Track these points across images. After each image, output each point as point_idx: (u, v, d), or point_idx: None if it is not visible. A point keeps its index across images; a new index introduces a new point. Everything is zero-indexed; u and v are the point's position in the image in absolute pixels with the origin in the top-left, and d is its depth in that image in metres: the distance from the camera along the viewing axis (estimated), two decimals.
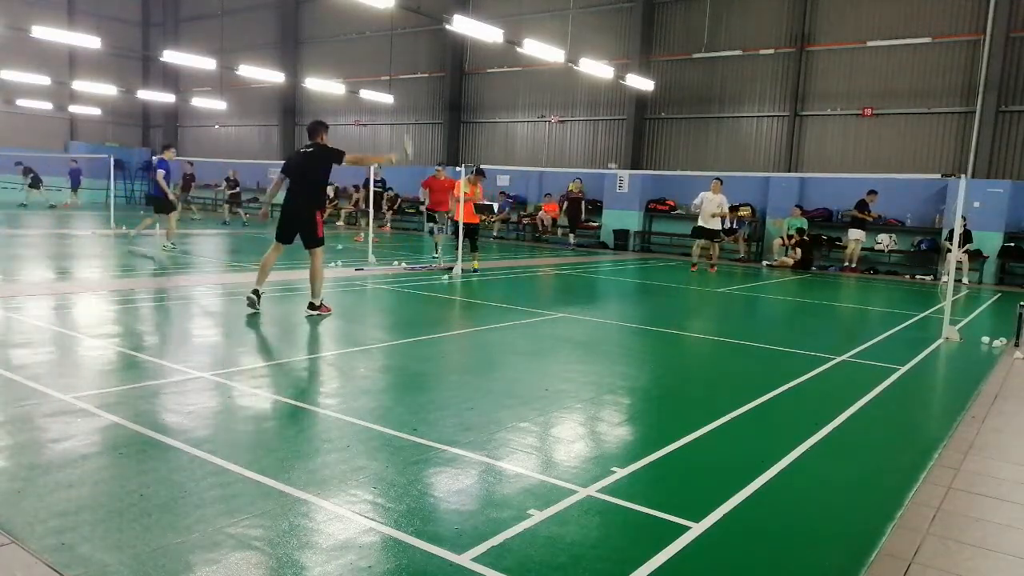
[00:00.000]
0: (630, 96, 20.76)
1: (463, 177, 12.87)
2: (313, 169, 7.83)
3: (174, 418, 4.34)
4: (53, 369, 5.39)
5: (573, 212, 21.06)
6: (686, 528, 3.16)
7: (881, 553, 3.07)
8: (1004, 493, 3.84)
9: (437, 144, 25.59)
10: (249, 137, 32.00)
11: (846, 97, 18.06)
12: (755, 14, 19.14)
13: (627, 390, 5.66)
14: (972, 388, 6.13)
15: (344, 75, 26.54)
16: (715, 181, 14.96)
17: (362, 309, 9.19)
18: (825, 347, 7.54)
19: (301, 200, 7.84)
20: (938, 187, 16.58)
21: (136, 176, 33.51)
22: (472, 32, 15.42)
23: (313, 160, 7.81)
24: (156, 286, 9.68)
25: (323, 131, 7.95)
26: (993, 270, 15.96)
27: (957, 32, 16.63)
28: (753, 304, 11.68)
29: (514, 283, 12.38)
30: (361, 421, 4.43)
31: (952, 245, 11.34)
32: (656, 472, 3.90)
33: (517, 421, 4.56)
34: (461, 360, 6.59)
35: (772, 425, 4.92)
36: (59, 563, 2.66)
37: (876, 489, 3.87)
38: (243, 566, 2.71)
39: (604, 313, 9.63)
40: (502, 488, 3.55)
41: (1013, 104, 16.13)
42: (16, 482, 3.35)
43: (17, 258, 12.28)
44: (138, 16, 34.99)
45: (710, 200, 14.89)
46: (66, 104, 31.09)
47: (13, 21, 25.59)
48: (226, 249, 15.98)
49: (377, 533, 3.02)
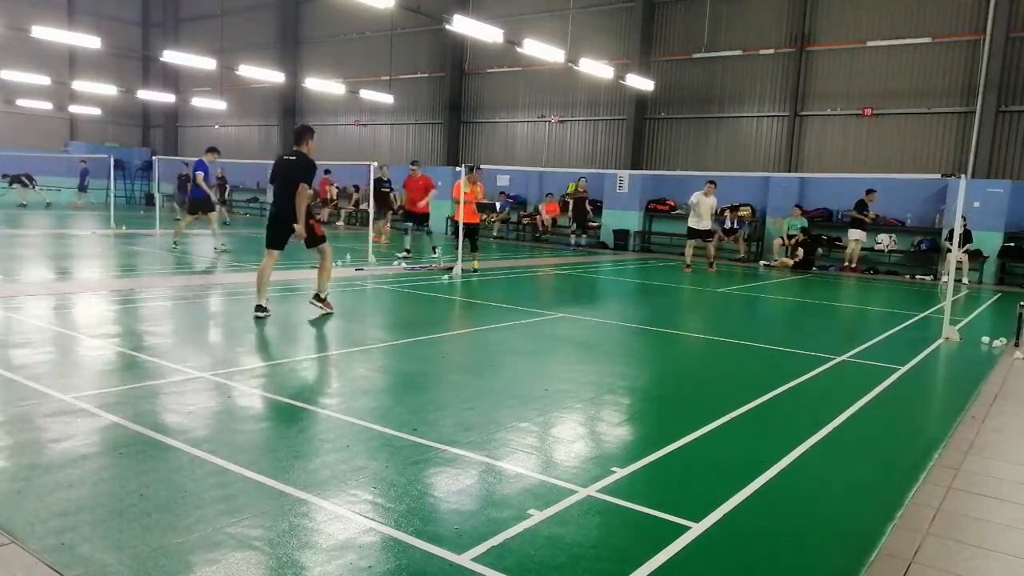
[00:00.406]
0: (630, 96, 20.75)
1: (463, 177, 12.86)
2: (293, 180, 7.68)
3: (174, 418, 4.34)
4: (53, 369, 5.39)
5: (580, 211, 20.93)
6: (686, 528, 3.16)
7: (881, 553, 3.07)
8: (1004, 493, 3.84)
9: (437, 144, 25.59)
10: (249, 137, 31.99)
11: (846, 97, 18.06)
12: (755, 14, 19.13)
13: (627, 390, 5.66)
14: (972, 388, 6.13)
15: (344, 75, 26.54)
16: (709, 184, 14.95)
17: (362, 309, 9.19)
18: (825, 347, 7.54)
19: (287, 206, 7.79)
20: (938, 187, 16.58)
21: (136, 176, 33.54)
22: (472, 32, 15.43)
23: (292, 171, 7.66)
24: (156, 286, 9.68)
25: (308, 137, 7.79)
26: (993, 270, 15.95)
27: (957, 32, 16.63)
28: (753, 304, 11.68)
29: (514, 283, 12.38)
30: (361, 421, 4.43)
31: (952, 245, 11.34)
32: (656, 472, 3.90)
33: (517, 421, 4.56)
34: (461, 360, 6.59)
35: (772, 425, 4.92)
36: (59, 563, 2.66)
37: (876, 489, 3.87)
38: (243, 566, 2.71)
39: (604, 313, 9.63)
40: (502, 488, 3.55)
41: (1013, 104, 16.13)
42: (16, 482, 3.35)
43: (17, 258, 12.28)
44: (138, 16, 35.00)
45: (703, 202, 14.89)
46: (66, 104, 31.11)
47: (13, 21, 25.60)
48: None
49: (377, 533, 3.02)
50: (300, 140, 7.81)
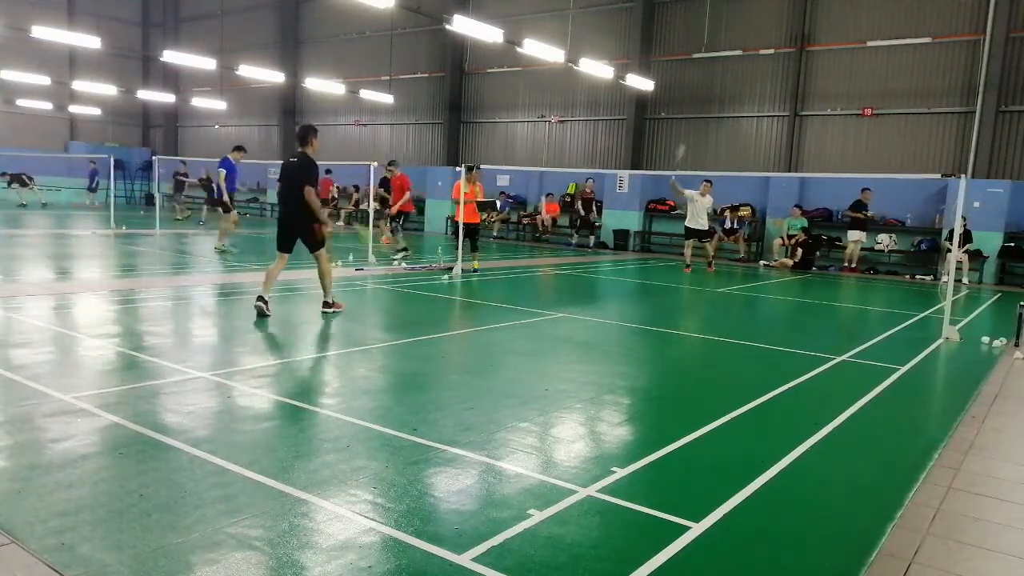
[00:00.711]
0: (630, 96, 20.75)
1: (462, 177, 12.86)
2: (297, 181, 7.71)
3: (174, 418, 4.34)
4: (53, 369, 5.39)
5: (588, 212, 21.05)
6: (686, 528, 3.16)
7: (881, 553, 3.07)
8: (1004, 493, 3.84)
9: (437, 144, 25.59)
10: (249, 137, 31.95)
11: (846, 97, 18.05)
12: (755, 14, 19.13)
13: (627, 390, 5.66)
14: (972, 388, 6.13)
15: (344, 75, 26.54)
16: (705, 183, 14.94)
17: (362, 309, 9.19)
18: (825, 347, 7.54)
19: (291, 209, 7.82)
20: (938, 187, 16.57)
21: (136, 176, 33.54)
22: (472, 32, 15.42)
23: (296, 173, 7.70)
24: (156, 286, 9.67)
25: (312, 137, 7.81)
26: (993, 270, 15.95)
27: (957, 32, 16.63)
28: (753, 304, 11.68)
29: (514, 283, 12.38)
30: (361, 421, 4.43)
31: (952, 245, 11.34)
32: (656, 472, 3.90)
33: (517, 421, 4.56)
34: (461, 360, 6.59)
35: (772, 425, 4.92)
36: (59, 563, 2.66)
37: (876, 489, 3.87)
38: (243, 566, 2.71)
39: (604, 313, 9.62)
40: (502, 488, 3.55)
41: (1013, 104, 16.13)
42: (16, 482, 3.35)
43: (18, 258, 12.27)
44: (138, 16, 35.00)
45: (700, 202, 14.87)
46: (66, 104, 31.10)
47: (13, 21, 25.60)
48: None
49: (377, 533, 3.02)
50: (304, 141, 7.82)
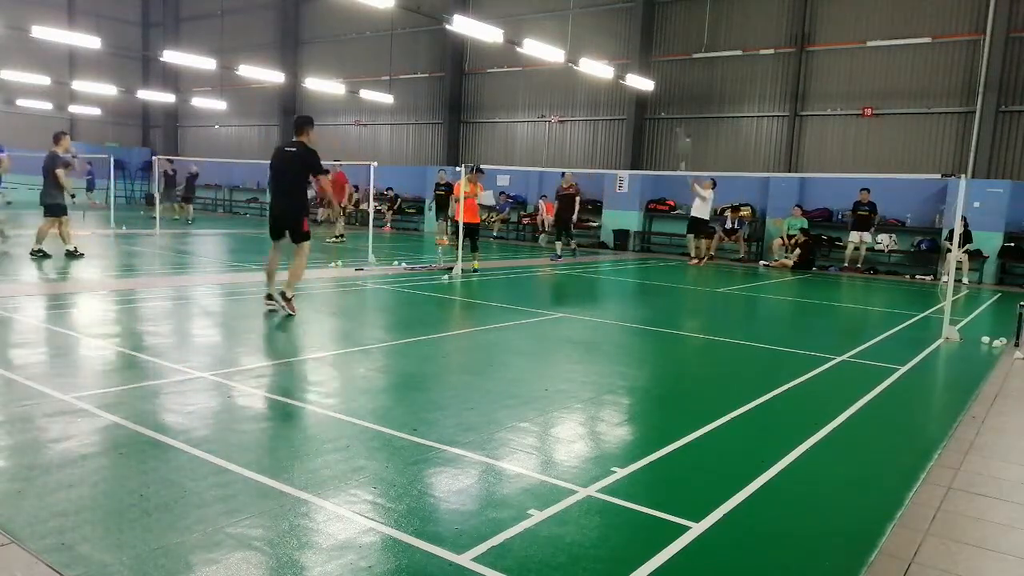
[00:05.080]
0: (630, 96, 20.75)
1: (463, 177, 12.86)
2: (293, 171, 7.71)
3: (174, 418, 4.34)
4: (53, 369, 5.39)
5: (566, 212, 16.79)
6: (686, 528, 3.16)
7: (881, 553, 3.07)
8: (1004, 493, 3.84)
9: (437, 144, 25.58)
10: (249, 137, 31.99)
11: (846, 97, 18.05)
12: (755, 14, 19.13)
13: (627, 390, 5.66)
14: (972, 388, 6.13)
15: (344, 75, 26.53)
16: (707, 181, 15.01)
17: (362, 309, 9.19)
18: (825, 347, 7.54)
19: (283, 200, 7.80)
20: (938, 187, 16.57)
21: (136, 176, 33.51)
22: (472, 32, 15.42)
23: (293, 163, 7.68)
24: (156, 286, 9.67)
25: (309, 128, 7.82)
26: (993, 270, 15.95)
27: (957, 32, 16.62)
28: (753, 304, 11.68)
29: (514, 283, 12.38)
30: (361, 421, 4.43)
31: (952, 245, 11.34)
32: (656, 472, 3.90)
33: (517, 421, 4.56)
34: (461, 360, 6.59)
35: (772, 425, 4.91)
36: (59, 563, 2.66)
37: (876, 489, 3.87)
38: (243, 566, 2.71)
39: (604, 313, 9.62)
40: (502, 488, 3.55)
41: (1013, 104, 16.12)
42: (16, 482, 3.35)
43: (17, 258, 12.26)
44: (138, 16, 34.98)
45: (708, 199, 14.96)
46: (66, 104, 31.09)
47: (13, 21, 25.58)
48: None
49: (377, 533, 3.02)
50: (300, 130, 7.82)
